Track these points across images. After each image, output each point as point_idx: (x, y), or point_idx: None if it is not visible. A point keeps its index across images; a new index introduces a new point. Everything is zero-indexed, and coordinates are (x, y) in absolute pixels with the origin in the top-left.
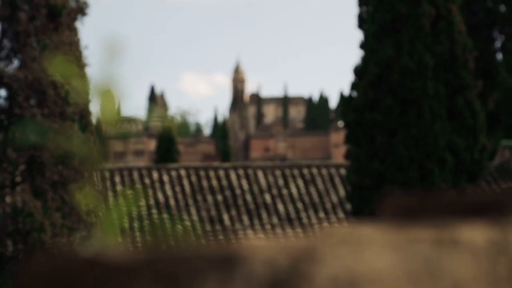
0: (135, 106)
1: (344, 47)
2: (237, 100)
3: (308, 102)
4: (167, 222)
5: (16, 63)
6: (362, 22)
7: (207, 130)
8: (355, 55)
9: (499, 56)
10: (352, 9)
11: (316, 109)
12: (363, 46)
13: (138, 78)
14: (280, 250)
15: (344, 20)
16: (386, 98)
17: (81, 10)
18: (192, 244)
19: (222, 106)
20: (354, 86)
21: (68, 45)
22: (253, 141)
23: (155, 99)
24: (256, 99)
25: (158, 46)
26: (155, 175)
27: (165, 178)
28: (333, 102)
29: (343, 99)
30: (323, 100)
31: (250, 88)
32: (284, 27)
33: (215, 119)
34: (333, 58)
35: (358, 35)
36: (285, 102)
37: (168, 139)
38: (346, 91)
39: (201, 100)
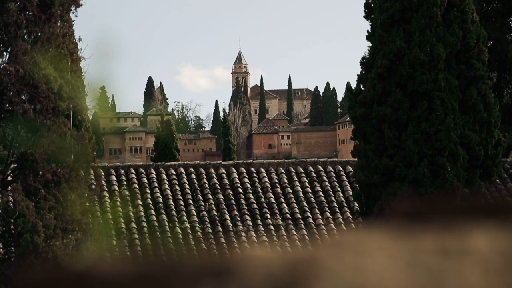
0: (131, 101)
1: (351, 38)
2: (239, 93)
3: (314, 93)
4: (165, 223)
5: (6, 56)
6: (370, 12)
7: (207, 126)
8: (362, 47)
9: None
10: None
11: (322, 103)
12: (370, 37)
13: (135, 71)
14: (279, 261)
15: (350, 10)
16: (396, 91)
17: (75, 0)
18: (188, 252)
19: (223, 100)
20: (361, 79)
21: (61, 37)
22: (256, 137)
23: (152, 93)
24: (259, 92)
25: (156, 38)
26: (153, 173)
27: (164, 176)
28: (340, 97)
29: (350, 92)
30: (330, 93)
31: (252, 82)
32: (287, 19)
33: (216, 114)
34: (339, 50)
35: (365, 26)
36: (289, 95)
37: (167, 135)
38: (353, 84)
39: (201, 94)
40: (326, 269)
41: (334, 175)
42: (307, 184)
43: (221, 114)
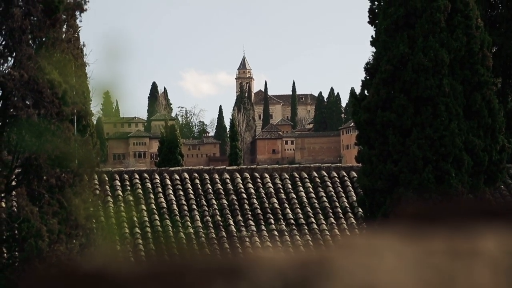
0: (135, 106)
1: (355, 43)
2: (243, 99)
3: (318, 98)
4: (169, 228)
5: (10, 61)
6: (374, 17)
7: (211, 131)
8: (367, 52)
9: None
10: (363, 4)
11: (326, 108)
12: (374, 42)
13: (139, 76)
14: (290, 262)
15: (354, 15)
16: (400, 97)
17: (80, 5)
18: (195, 254)
19: (226, 105)
20: (365, 85)
21: (66, 42)
22: (260, 143)
23: (157, 98)
24: (263, 97)
25: (158, 43)
26: (157, 178)
27: (168, 181)
28: (344, 102)
29: (354, 98)
30: (334, 98)
31: (256, 87)
32: (291, 24)
33: (220, 119)
34: (343, 55)
35: (369, 31)
36: (293, 100)
37: (171, 140)
38: (358, 89)
39: (204, 100)
40: (337, 269)
41: (338, 180)
42: (311, 190)
43: (225, 119)
